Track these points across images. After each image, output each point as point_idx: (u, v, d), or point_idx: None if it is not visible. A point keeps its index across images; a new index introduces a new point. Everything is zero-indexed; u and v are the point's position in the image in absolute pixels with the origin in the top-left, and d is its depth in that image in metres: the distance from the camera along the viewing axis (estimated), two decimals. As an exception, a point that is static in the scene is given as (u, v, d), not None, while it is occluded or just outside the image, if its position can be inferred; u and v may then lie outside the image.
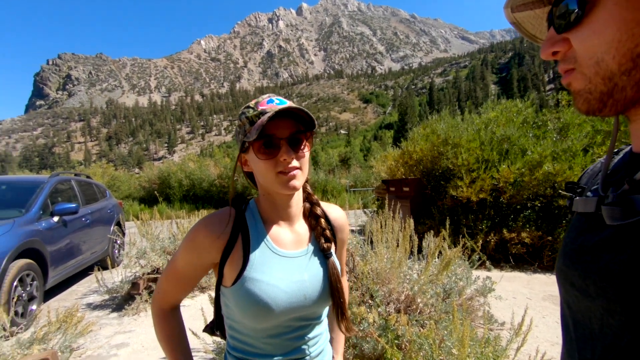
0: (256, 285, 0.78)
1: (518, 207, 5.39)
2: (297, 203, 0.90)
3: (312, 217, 0.92)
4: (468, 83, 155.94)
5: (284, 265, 0.83)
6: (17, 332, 3.19)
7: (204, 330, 0.96)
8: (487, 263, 4.93)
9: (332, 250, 0.91)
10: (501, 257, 5.32)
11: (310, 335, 0.87)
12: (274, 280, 0.80)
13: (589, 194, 0.55)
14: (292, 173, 0.80)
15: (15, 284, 3.45)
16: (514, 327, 2.13)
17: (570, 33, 0.43)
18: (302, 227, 0.91)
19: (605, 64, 0.41)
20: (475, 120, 6.51)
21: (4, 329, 2.81)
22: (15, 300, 3.42)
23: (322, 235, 0.90)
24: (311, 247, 0.89)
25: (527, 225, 5.19)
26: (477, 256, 3.57)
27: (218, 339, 1.11)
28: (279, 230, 0.87)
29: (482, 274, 4.04)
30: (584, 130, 5.56)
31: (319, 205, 0.94)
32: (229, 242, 0.81)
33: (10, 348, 2.61)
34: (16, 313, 3.45)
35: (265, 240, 0.84)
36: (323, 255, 0.89)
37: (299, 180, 0.81)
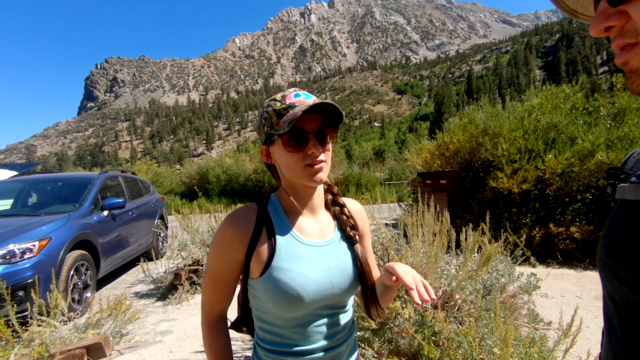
0: (285, 273, 0.80)
1: (566, 199, 5.04)
2: (320, 194, 0.92)
3: (336, 205, 0.95)
4: (510, 69, 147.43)
5: (311, 254, 0.84)
6: (74, 318, 3.46)
7: (230, 327, 0.98)
8: (532, 259, 4.68)
9: (357, 237, 0.93)
10: (547, 253, 5.01)
11: (338, 324, 0.88)
12: (302, 269, 0.81)
13: (634, 179, 0.50)
14: (318, 166, 0.82)
15: (71, 273, 3.75)
16: (562, 327, 2.00)
17: (630, 4, 0.38)
18: (325, 218, 0.93)
19: None
20: (517, 108, 6.15)
21: (63, 314, 3.06)
22: (72, 288, 3.71)
23: (347, 222, 0.92)
24: (336, 236, 0.91)
25: (577, 219, 4.84)
26: (521, 251, 3.39)
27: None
28: (302, 221, 0.89)
29: (526, 270, 3.83)
30: (644, 116, 5.08)
31: (340, 195, 0.97)
32: (254, 236, 0.83)
33: (69, 332, 2.84)
34: (73, 300, 3.74)
35: (290, 231, 0.86)
36: (349, 242, 0.91)
37: (324, 173, 0.84)
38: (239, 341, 2.80)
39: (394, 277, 0.82)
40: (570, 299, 3.67)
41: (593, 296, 3.75)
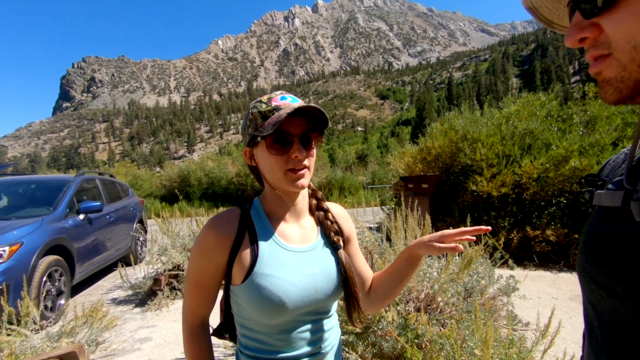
0: (267, 280, 0.79)
1: (542, 203, 5.21)
2: (304, 199, 0.91)
3: (320, 211, 0.94)
4: (488, 77, 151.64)
5: (294, 259, 0.83)
6: (46, 326, 3.32)
7: (212, 334, 0.95)
8: (510, 261, 4.82)
9: (341, 242, 0.92)
10: (525, 255, 5.16)
11: (322, 330, 0.87)
12: (285, 275, 0.80)
13: (610, 186, 0.52)
14: (301, 172, 0.81)
15: (44, 279, 3.59)
16: (539, 328, 2.06)
17: (602, 17, 0.40)
18: (308, 223, 0.92)
19: None
20: (495, 114, 6.34)
21: (35, 322, 2.93)
22: (44, 294, 3.56)
23: (331, 228, 0.91)
24: (319, 242, 0.90)
25: (552, 223, 5.01)
26: (500, 254, 3.48)
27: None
28: (285, 226, 0.88)
29: (504, 272, 3.94)
30: (614, 123, 5.32)
31: (324, 200, 0.97)
32: (236, 240, 0.82)
33: (41, 341, 2.72)
34: (46, 307, 3.59)
35: (272, 236, 0.85)
36: (332, 247, 0.90)
37: (306, 179, 0.83)
38: (222, 347, 2.75)
39: (443, 238, 0.90)
40: (546, 300, 3.79)
41: (568, 297, 3.87)
